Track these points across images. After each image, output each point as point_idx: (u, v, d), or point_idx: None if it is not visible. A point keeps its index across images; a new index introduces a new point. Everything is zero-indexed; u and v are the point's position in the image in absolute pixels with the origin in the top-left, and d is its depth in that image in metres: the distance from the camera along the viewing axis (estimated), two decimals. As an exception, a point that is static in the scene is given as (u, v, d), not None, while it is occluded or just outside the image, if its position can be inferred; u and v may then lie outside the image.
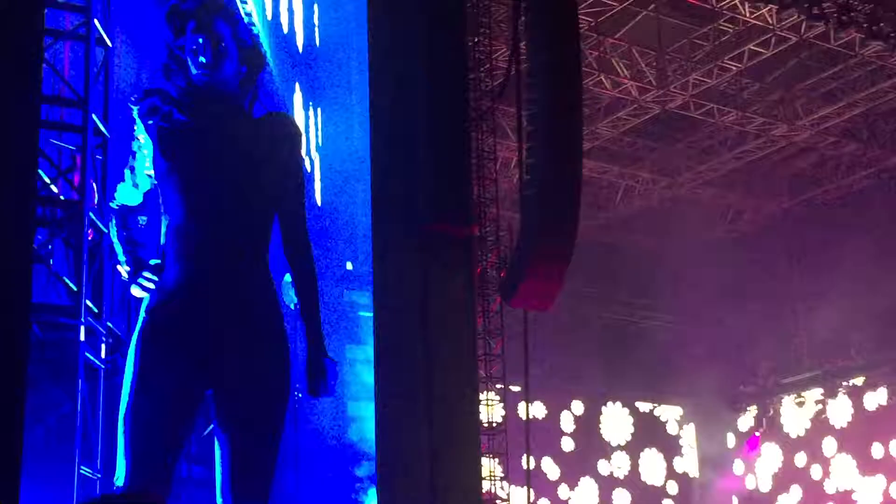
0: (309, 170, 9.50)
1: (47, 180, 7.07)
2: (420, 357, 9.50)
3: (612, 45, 14.86)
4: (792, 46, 14.70)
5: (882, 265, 15.92)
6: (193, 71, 4.73)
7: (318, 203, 9.74)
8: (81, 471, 6.72)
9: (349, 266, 9.07)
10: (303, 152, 5.05)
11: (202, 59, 4.70)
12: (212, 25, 4.74)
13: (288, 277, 5.13)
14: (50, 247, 7.00)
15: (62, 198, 7.04)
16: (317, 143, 10.10)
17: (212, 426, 4.82)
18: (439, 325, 9.70)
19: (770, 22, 13.88)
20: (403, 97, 9.95)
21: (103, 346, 7.03)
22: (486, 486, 11.56)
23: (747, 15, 13.76)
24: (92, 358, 6.91)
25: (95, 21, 7.22)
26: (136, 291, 4.74)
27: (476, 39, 11.78)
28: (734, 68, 15.06)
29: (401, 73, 9.96)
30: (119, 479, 4.43)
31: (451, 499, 9.57)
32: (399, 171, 9.82)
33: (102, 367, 6.96)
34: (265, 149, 4.78)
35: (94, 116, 7.16)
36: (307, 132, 9.82)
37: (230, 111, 4.81)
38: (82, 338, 6.75)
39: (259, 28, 9.09)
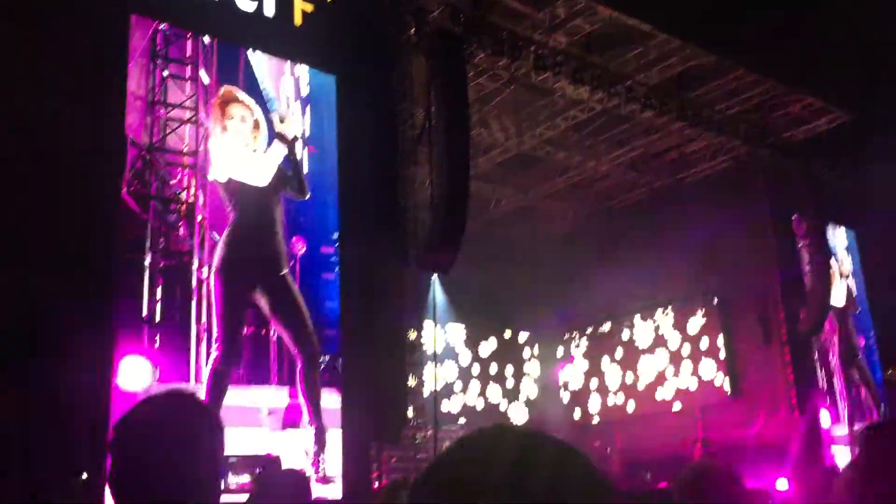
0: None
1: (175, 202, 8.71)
2: (370, 301, 9.56)
3: (487, 110, 15.15)
4: (598, 113, 15.04)
5: (651, 252, 16.44)
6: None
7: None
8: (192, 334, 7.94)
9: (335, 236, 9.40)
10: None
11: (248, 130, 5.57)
12: (251, 107, 5.57)
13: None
14: (181, 224, 8.38)
15: (183, 206, 8.52)
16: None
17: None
18: (380, 281, 9.83)
19: (585, 97, 14.20)
20: (358, 142, 9.96)
21: (205, 269, 8.12)
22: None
23: (571, 93, 14.06)
24: (201, 276, 8.09)
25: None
26: None
27: (403, 104, 11.75)
28: (563, 125, 15.42)
29: (356, 125, 9.97)
30: (214, 347, 5.66)
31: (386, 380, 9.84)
32: (354, 189, 9.81)
33: (204, 280, 8.08)
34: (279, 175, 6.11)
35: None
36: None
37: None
38: (195, 266, 8.04)
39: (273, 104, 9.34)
